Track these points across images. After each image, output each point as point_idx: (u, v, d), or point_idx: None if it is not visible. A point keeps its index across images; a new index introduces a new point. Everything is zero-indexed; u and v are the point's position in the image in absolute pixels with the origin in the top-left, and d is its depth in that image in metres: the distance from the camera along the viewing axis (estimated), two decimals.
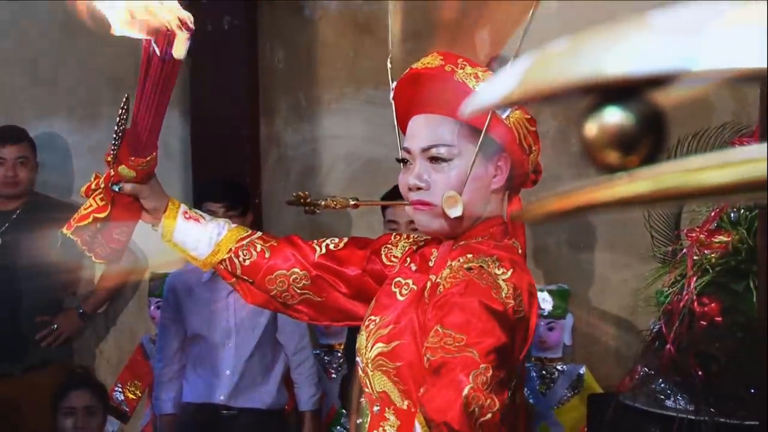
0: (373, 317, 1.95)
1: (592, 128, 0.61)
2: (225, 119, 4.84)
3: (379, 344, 1.86)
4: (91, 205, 2.06)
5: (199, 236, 2.16)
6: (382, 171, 4.87)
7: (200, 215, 2.19)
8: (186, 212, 2.16)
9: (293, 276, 2.16)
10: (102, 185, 2.07)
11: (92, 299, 4.92)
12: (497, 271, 1.75)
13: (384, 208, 3.68)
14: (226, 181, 4.30)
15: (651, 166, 0.61)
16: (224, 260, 2.17)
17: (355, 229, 4.98)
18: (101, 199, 2.06)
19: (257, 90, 5.14)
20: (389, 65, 2.03)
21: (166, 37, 1.88)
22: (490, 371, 1.59)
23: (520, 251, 1.90)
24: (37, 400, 4.34)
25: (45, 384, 4.38)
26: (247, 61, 5.00)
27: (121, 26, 1.85)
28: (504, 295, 1.70)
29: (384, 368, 1.85)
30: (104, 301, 5.02)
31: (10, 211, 4.64)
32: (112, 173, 2.05)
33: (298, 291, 2.16)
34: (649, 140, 0.61)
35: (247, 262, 2.16)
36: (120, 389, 4.82)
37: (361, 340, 1.95)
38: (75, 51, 5.11)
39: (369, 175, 4.94)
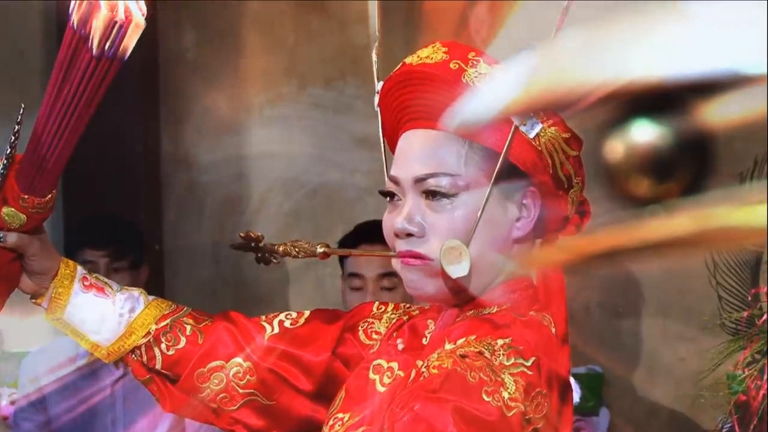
0: (339, 415, 1.93)
1: (616, 148, 0.64)
2: (110, 131, 4.83)
3: None
4: None
5: (103, 313, 2.13)
6: (337, 203, 4.90)
7: (105, 283, 2.17)
8: (86, 278, 2.14)
9: (234, 369, 2.14)
10: None
11: None
12: (505, 361, 1.70)
13: (342, 258, 3.68)
14: (111, 219, 4.31)
15: (695, 197, 0.63)
16: (138, 348, 2.15)
17: (296, 285, 5.00)
18: None
19: (157, 89, 5.17)
20: (375, 58, 2.03)
21: (109, 25, 1.83)
22: None
23: (554, 329, 1.85)
24: None
25: None
26: (143, 48, 5.00)
27: None
28: (507, 397, 1.64)
29: None
30: None
31: None
32: None
33: (240, 390, 2.14)
34: (691, 164, 0.63)
35: (172, 351, 2.14)
36: None
37: None
38: None
39: (318, 209, 4.97)
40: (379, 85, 1.97)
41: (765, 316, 3.48)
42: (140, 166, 5.06)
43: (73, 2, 1.83)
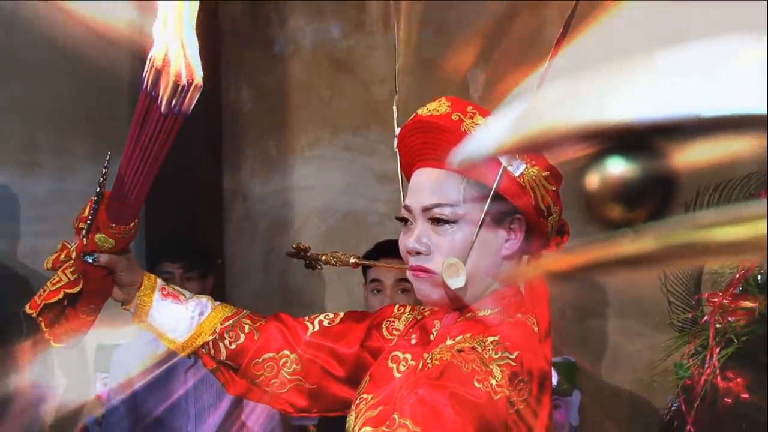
0: (364, 395, 1.93)
1: (594, 180, 0.62)
2: (182, 168, 4.82)
3: (367, 428, 1.80)
4: (60, 280, 2.00)
5: (178, 316, 2.15)
6: (362, 226, 4.89)
7: (180, 292, 2.18)
8: (164, 288, 2.15)
9: (283, 359, 2.16)
10: (73, 256, 2.02)
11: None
12: (494, 355, 1.70)
13: (366, 267, 3.67)
14: (185, 239, 4.31)
15: (659, 222, 0.61)
16: (207, 344, 2.16)
17: (331, 292, 4.98)
18: (72, 273, 2.01)
19: (220, 135, 5.17)
20: (395, 110, 2.03)
21: (174, 87, 1.83)
22: None
23: (535, 328, 1.84)
24: None
25: None
26: (208, 102, 5.02)
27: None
28: (494, 383, 1.65)
29: None
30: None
31: None
32: (86, 242, 2.01)
33: (288, 377, 2.15)
34: (656, 194, 0.62)
35: (234, 346, 2.16)
36: None
37: (350, 421, 1.92)
38: (10, 92, 5.11)
39: (347, 230, 4.95)
40: (397, 131, 1.97)
41: (705, 317, 3.44)
42: (207, 197, 5.06)
43: (145, 69, 1.82)
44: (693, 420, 3.25)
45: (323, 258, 2.09)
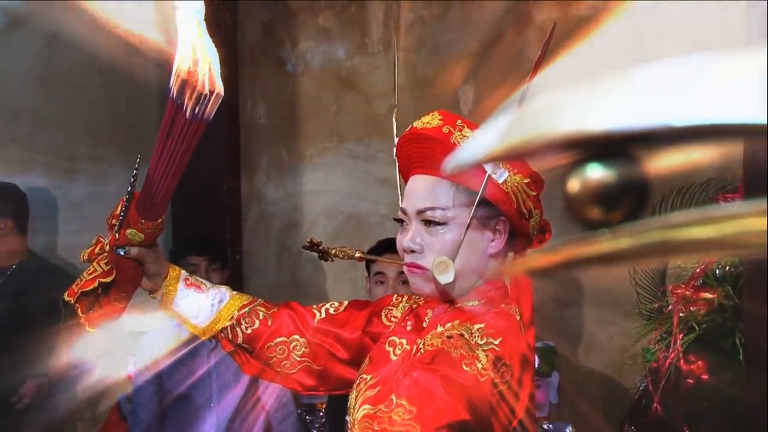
0: (364, 376, 1.92)
1: (574, 184, 0.61)
2: (205, 174, 4.84)
3: (366, 406, 1.78)
4: (95, 270, 2.00)
5: (200, 304, 2.14)
6: (365, 226, 4.88)
7: (201, 282, 2.17)
8: (187, 279, 2.14)
9: (293, 343, 2.14)
10: (107, 249, 2.01)
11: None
12: (480, 341, 1.70)
13: (369, 263, 3.67)
14: (207, 238, 4.34)
15: (634, 222, 0.61)
16: (225, 328, 2.15)
17: (336, 284, 4.97)
18: (106, 264, 2.01)
19: (238, 144, 5.16)
20: (394, 122, 2.03)
21: (197, 96, 1.82)
22: None
23: (518, 317, 1.83)
24: None
25: None
26: (228, 115, 5.02)
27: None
28: (480, 367, 1.64)
29: (370, 431, 1.77)
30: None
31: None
32: (118, 236, 2.00)
33: (298, 359, 2.14)
34: (631, 197, 0.61)
35: (249, 330, 2.14)
36: None
37: (351, 398, 1.91)
38: (53, 106, 5.12)
39: (351, 230, 4.95)
40: (395, 141, 1.97)
41: (670, 307, 3.45)
42: (226, 199, 5.06)
43: (171, 80, 1.81)
44: (659, 399, 3.25)
45: (333, 251, 2.12)
